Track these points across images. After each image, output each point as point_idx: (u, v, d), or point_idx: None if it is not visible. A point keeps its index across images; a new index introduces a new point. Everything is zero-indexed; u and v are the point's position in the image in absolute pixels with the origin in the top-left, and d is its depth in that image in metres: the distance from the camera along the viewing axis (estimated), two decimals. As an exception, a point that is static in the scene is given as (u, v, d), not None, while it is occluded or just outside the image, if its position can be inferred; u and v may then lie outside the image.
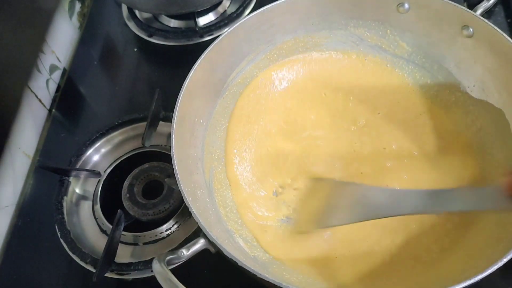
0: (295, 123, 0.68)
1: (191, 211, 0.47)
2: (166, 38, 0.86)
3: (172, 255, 0.46)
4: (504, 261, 0.42)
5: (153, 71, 0.85)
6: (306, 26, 0.66)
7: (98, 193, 0.67)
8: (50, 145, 0.76)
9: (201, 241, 0.47)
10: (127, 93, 0.81)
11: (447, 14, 0.59)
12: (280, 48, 0.67)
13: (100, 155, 0.72)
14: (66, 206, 0.67)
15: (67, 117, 0.80)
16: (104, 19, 0.93)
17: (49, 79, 0.81)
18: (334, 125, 0.67)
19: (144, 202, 0.64)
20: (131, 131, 0.74)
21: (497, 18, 0.80)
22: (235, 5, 0.89)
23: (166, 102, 0.72)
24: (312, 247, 0.58)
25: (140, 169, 0.67)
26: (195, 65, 0.57)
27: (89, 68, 0.85)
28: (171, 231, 0.64)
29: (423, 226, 0.57)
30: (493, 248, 0.49)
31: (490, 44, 0.57)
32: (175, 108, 0.54)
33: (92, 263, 0.61)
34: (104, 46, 0.89)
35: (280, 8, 0.63)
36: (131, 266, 0.60)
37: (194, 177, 0.56)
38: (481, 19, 0.57)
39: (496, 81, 0.58)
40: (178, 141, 0.53)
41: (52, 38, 0.82)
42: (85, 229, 0.66)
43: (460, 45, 0.60)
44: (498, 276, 0.43)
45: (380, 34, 0.66)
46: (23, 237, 0.67)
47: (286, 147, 0.66)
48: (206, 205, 0.55)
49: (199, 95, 0.59)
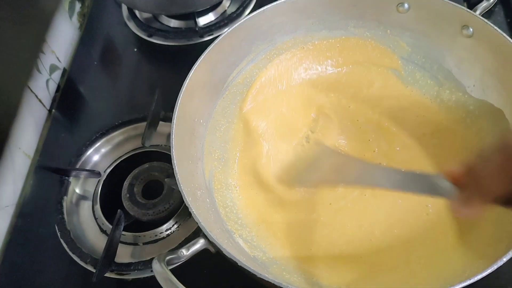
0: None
1: (191, 211, 0.47)
2: (166, 38, 0.86)
3: (172, 255, 0.46)
4: (504, 261, 0.42)
5: (153, 71, 0.85)
6: (306, 26, 0.66)
7: (98, 193, 0.67)
8: (50, 145, 0.75)
9: (201, 241, 0.47)
10: (127, 93, 0.81)
11: (447, 14, 0.59)
12: (280, 48, 0.68)
13: (100, 155, 0.72)
14: (66, 206, 0.67)
15: (67, 117, 0.80)
16: (104, 19, 0.93)
17: (49, 79, 0.81)
18: (335, 124, 0.67)
19: (144, 202, 0.64)
20: (131, 131, 0.74)
21: (497, 18, 0.80)
22: (235, 5, 0.89)
23: (166, 102, 0.72)
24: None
25: (140, 169, 0.67)
26: (195, 65, 0.57)
27: (89, 68, 0.85)
28: (171, 231, 0.64)
29: (423, 225, 0.58)
30: (493, 248, 0.49)
31: (490, 44, 0.57)
32: (175, 108, 0.54)
33: (92, 263, 0.61)
34: (104, 46, 0.89)
35: (280, 8, 0.63)
36: (131, 266, 0.60)
37: (194, 177, 0.56)
38: (481, 18, 0.57)
39: (496, 80, 0.58)
40: (178, 141, 0.53)
41: (52, 38, 0.82)
42: (85, 229, 0.66)
43: (460, 45, 0.60)
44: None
45: (380, 34, 0.66)
46: (23, 237, 0.66)
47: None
48: (206, 205, 0.55)
49: (199, 95, 0.59)
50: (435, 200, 0.58)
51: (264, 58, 0.67)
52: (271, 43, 0.66)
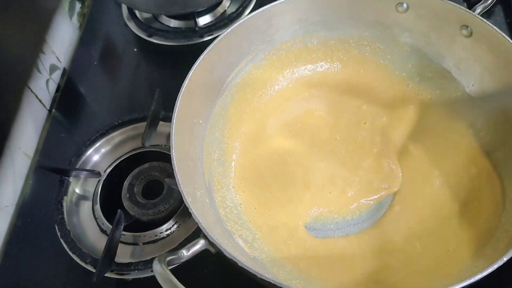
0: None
1: (191, 212, 0.47)
2: (166, 38, 0.86)
3: (172, 256, 0.46)
4: (504, 260, 0.42)
5: (153, 71, 0.85)
6: (305, 26, 0.66)
7: (98, 193, 0.67)
8: (50, 145, 0.76)
9: (201, 241, 0.47)
10: (127, 93, 0.81)
11: (446, 14, 0.59)
12: (279, 48, 0.68)
13: (100, 155, 0.72)
14: (66, 206, 0.67)
15: (67, 117, 0.80)
16: (104, 19, 0.93)
17: (49, 79, 0.81)
18: (332, 124, 0.68)
19: (144, 202, 0.64)
20: (131, 131, 0.74)
21: (496, 18, 0.80)
22: (235, 5, 0.89)
23: (166, 102, 0.72)
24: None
25: (140, 169, 0.67)
26: (194, 66, 0.57)
27: (89, 68, 0.85)
28: (171, 231, 0.64)
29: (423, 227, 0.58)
30: (493, 248, 0.49)
31: (489, 44, 0.57)
32: (174, 109, 0.54)
33: (92, 263, 0.61)
34: (104, 46, 0.89)
35: (279, 9, 0.63)
36: (131, 266, 0.60)
37: (193, 178, 0.56)
38: (480, 18, 0.57)
39: (495, 80, 0.58)
40: (178, 142, 0.53)
41: (52, 38, 0.82)
42: (85, 229, 0.66)
43: (459, 45, 0.60)
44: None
45: (379, 34, 0.66)
46: (23, 237, 0.67)
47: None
48: (205, 205, 0.55)
49: (198, 96, 0.59)
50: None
51: (263, 58, 0.67)
52: (270, 43, 0.66)
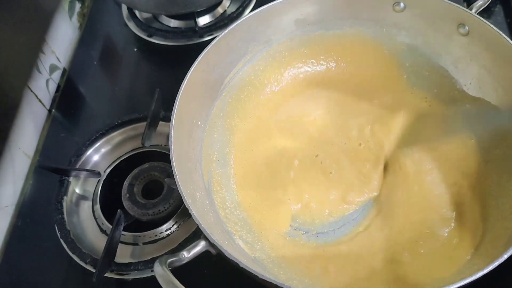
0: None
1: (191, 213, 0.47)
2: (166, 38, 0.86)
3: (173, 258, 0.46)
4: (505, 257, 0.42)
5: (153, 71, 0.85)
6: (302, 26, 0.66)
7: (98, 193, 0.67)
8: (50, 145, 0.76)
9: (201, 243, 0.47)
10: (127, 93, 0.81)
11: (443, 13, 0.59)
12: (276, 49, 0.67)
13: (100, 155, 0.72)
14: (66, 206, 0.67)
15: (67, 117, 0.80)
16: (104, 19, 0.93)
17: (49, 79, 0.81)
18: (330, 124, 0.68)
19: (144, 202, 0.65)
20: (131, 131, 0.74)
21: (496, 18, 0.80)
22: (235, 5, 0.89)
23: (166, 102, 0.72)
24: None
25: (140, 169, 0.67)
26: (192, 66, 0.57)
27: (89, 68, 0.85)
28: (171, 231, 0.64)
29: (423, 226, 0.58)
30: (492, 245, 0.49)
31: (486, 42, 0.57)
32: (173, 110, 0.54)
33: (92, 263, 0.61)
34: (104, 46, 0.89)
35: (276, 9, 0.63)
36: (131, 266, 0.60)
37: (193, 179, 0.56)
38: (477, 17, 0.57)
39: (492, 78, 0.58)
40: (177, 143, 0.53)
41: (52, 38, 0.82)
42: (85, 229, 0.66)
43: (456, 43, 0.61)
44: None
45: (376, 34, 0.66)
46: (23, 237, 0.67)
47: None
48: (205, 207, 0.55)
49: (197, 97, 0.59)
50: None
51: (261, 58, 0.67)
52: (267, 44, 0.66)
